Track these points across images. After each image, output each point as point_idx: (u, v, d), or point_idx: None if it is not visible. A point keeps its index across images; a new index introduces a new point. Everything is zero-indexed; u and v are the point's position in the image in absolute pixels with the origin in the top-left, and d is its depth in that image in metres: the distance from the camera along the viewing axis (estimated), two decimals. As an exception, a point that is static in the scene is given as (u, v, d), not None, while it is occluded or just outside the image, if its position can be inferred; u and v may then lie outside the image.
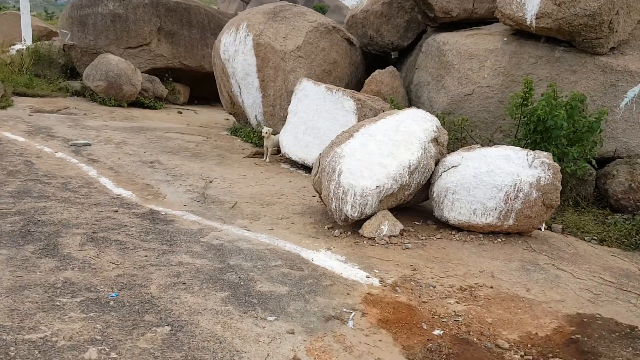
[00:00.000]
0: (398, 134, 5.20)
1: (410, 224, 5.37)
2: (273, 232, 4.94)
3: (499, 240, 5.06)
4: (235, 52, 9.46)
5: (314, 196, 6.34)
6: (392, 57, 11.84)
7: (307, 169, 7.74)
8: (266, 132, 7.83)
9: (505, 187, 4.85)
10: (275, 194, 6.31)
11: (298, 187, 6.76)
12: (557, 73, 6.78)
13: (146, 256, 4.07)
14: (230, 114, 11.85)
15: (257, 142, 9.35)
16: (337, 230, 5.09)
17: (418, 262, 4.46)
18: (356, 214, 4.89)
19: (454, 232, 5.21)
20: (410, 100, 8.89)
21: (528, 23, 6.65)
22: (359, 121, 6.86)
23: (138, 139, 8.70)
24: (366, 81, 8.34)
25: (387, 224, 5.00)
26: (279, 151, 8.38)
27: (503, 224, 4.95)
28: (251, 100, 9.50)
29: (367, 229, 4.98)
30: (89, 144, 7.87)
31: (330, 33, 9.29)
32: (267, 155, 8.12)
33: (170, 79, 14.22)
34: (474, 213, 5.00)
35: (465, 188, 5.01)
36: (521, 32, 7.21)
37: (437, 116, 7.90)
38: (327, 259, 4.41)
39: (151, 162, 7.21)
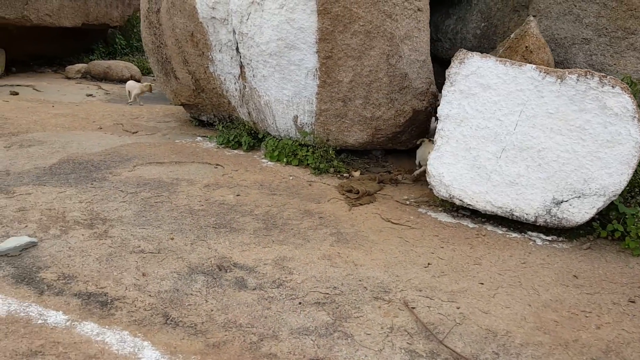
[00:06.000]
0: None
1: None
2: None
3: None
4: (253, 4, 5.13)
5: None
6: None
7: (502, 221, 4.14)
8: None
9: None
10: (604, 353, 2.77)
11: (597, 307, 3.24)
12: None
13: None
14: (182, 104, 7.37)
15: (321, 166, 5.31)
16: None
17: None
18: None
19: None
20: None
21: None
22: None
23: (116, 204, 4.14)
24: (527, 42, 4.72)
25: None
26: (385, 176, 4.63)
27: None
28: (290, 92, 5.36)
29: None
30: (34, 243, 3.28)
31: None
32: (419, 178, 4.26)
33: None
34: None
35: None
36: None
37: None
38: None
39: (220, 269, 3.02)
